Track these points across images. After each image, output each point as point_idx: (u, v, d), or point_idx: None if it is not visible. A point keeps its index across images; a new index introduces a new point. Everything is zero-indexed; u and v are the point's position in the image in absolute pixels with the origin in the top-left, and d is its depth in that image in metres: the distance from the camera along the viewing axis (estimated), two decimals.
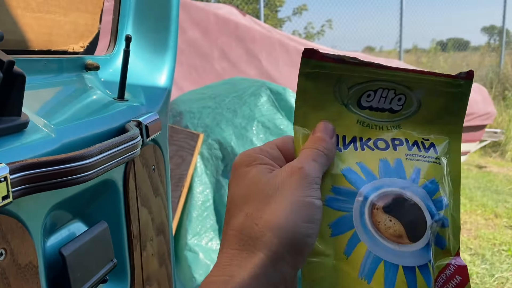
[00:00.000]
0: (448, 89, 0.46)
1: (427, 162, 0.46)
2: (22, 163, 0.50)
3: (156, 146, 0.88)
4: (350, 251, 0.42)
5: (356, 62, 0.45)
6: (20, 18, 0.74)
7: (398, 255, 0.42)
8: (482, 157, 6.41)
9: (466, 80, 0.46)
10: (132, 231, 0.79)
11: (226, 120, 2.26)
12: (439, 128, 0.47)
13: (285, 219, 0.37)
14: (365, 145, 0.46)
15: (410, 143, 0.46)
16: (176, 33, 0.96)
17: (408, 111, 0.47)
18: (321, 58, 0.44)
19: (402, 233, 0.43)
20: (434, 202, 0.44)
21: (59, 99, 0.74)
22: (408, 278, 0.41)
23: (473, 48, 10.90)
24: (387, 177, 0.44)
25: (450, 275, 0.44)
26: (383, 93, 0.46)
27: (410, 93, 0.46)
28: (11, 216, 0.52)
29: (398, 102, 0.46)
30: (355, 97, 0.46)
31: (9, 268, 0.51)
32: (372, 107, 0.46)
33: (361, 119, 0.46)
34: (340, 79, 0.45)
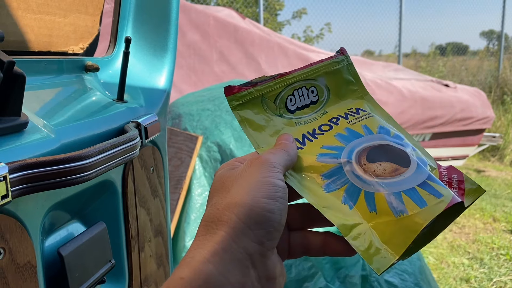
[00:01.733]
0: (337, 66, 0.56)
1: (365, 119, 0.54)
2: (21, 162, 0.51)
3: (155, 148, 0.89)
4: (374, 207, 0.46)
5: (265, 79, 0.53)
6: (20, 19, 0.74)
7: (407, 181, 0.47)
8: (481, 161, 6.41)
9: (344, 55, 0.57)
10: (130, 232, 0.79)
11: (225, 123, 2.26)
12: (352, 97, 0.57)
13: (242, 197, 0.40)
14: (315, 134, 0.53)
15: (343, 115, 0.55)
16: (176, 35, 0.96)
17: (323, 97, 0.56)
18: (240, 90, 0.52)
19: (396, 166, 0.48)
20: (394, 138, 0.51)
21: (58, 100, 0.74)
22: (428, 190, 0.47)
23: (472, 52, 10.93)
24: (350, 141, 0.51)
25: (448, 179, 0.49)
26: (299, 92, 0.54)
27: (316, 83, 0.55)
28: (10, 216, 0.52)
29: (313, 94, 0.55)
30: (282, 106, 0.54)
31: (8, 268, 0.51)
32: (298, 107, 0.54)
33: (297, 120, 0.54)
34: (263, 97, 0.53)
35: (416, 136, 3.77)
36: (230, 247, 0.38)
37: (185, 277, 0.36)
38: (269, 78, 0.53)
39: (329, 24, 9.28)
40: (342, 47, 0.58)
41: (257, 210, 0.39)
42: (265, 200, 0.40)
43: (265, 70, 3.52)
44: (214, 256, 0.37)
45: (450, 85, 4.02)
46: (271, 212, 0.40)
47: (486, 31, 12.27)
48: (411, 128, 3.68)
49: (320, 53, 4.11)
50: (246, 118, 0.52)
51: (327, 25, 9.31)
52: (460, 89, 4.01)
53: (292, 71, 0.54)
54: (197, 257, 0.37)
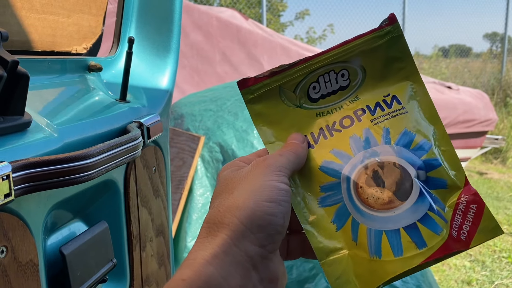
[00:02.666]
0: (381, 40, 0.47)
1: (393, 117, 0.47)
2: (24, 161, 0.51)
3: (157, 148, 0.89)
4: (356, 236, 0.44)
5: (285, 68, 0.47)
6: (24, 19, 0.75)
7: (395, 220, 0.43)
8: (483, 163, 6.40)
9: (392, 25, 0.47)
10: (132, 231, 0.80)
11: (227, 123, 2.26)
12: (394, 79, 0.48)
13: (244, 200, 0.40)
14: (332, 130, 0.47)
15: (372, 108, 0.47)
16: (179, 35, 0.96)
17: (356, 80, 0.48)
18: (255, 81, 0.47)
19: (392, 198, 0.44)
20: (414, 151, 0.45)
21: (61, 100, 0.74)
22: (412, 236, 0.42)
23: (475, 54, 10.91)
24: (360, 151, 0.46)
25: (464, 210, 0.44)
26: (325, 78, 0.48)
27: (348, 65, 0.47)
28: (12, 214, 0.52)
29: (343, 78, 0.48)
30: (304, 95, 0.48)
31: (10, 266, 0.52)
32: (323, 95, 0.48)
33: (319, 110, 0.48)
34: (281, 88, 0.47)
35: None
36: (231, 250, 0.38)
37: (187, 279, 0.36)
38: (289, 65, 0.47)
39: (332, 25, 9.29)
40: (392, 14, 0.47)
41: (259, 213, 0.39)
42: (268, 204, 0.39)
43: None
44: (215, 259, 0.37)
45: (452, 87, 4.01)
46: (273, 216, 0.39)
47: (489, 33, 12.25)
48: None
49: None
50: (260, 112, 0.48)
51: (329, 26, 9.31)
52: (462, 91, 4.01)
53: (319, 53, 0.47)
54: (198, 259, 0.37)
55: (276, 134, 0.48)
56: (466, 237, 0.42)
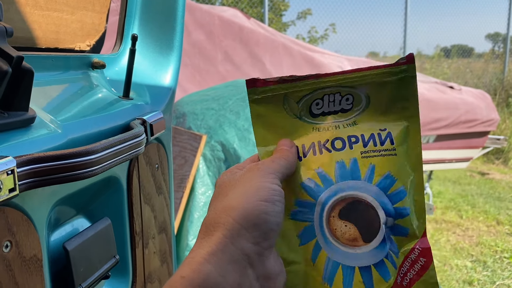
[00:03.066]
0: (392, 77, 0.47)
1: (382, 156, 0.47)
2: (29, 156, 0.51)
3: (160, 145, 0.89)
4: (315, 258, 0.47)
5: (294, 79, 0.48)
6: (28, 15, 0.75)
7: (354, 257, 0.46)
8: (485, 164, 6.39)
9: (409, 64, 0.47)
10: (135, 228, 0.80)
11: (229, 122, 2.26)
12: (395, 116, 0.48)
13: (239, 201, 0.42)
14: (323, 147, 0.49)
15: (366, 138, 0.48)
16: (182, 33, 0.97)
17: (359, 107, 0.49)
18: (264, 83, 0.48)
19: (357, 236, 0.46)
20: (390, 196, 0.47)
21: (65, 96, 0.75)
22: (364, 277, 0.45)
23: (477, 55, 10.89)
24: (342, 180, 0.47)
25: (414, 259, 0.46)
26: (330, 98, 0.49)
27: (355, 91, 0.48)
28: (17, 209, 0.52)
29: (347, 102, 0.49)
30: (305, 109, 0.49)
31: (14, 260, 0.52)
32: (324, 112, 0.49)
33: (316, 125, 0.49)
34: (286, 96, 0.49)
35: (421, 137, 3.76)
36: (228, 248, 0.39)
37: (186, 276, 0.37)
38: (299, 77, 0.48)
39: (334, 24, 9.28)
40: (411, 54, 0.47)
41: (254, 212, 0.41)
42: (262, 203, 0.41)
43: (269, 70, 3.52)
44: (213, 257, 0.39)
45: (455, 87, 4.00)
46: (267, 214, 0.41)
47: (491, 33, 12.23)
48: None
49: (324, 53, 4.11)
50: (261, 114, 0.49)
51: (331, 25, 9.31)
52: (465, 91, 4.00)
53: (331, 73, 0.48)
54: (196, 258, 0.39)
55: (270, 138, 0.50)
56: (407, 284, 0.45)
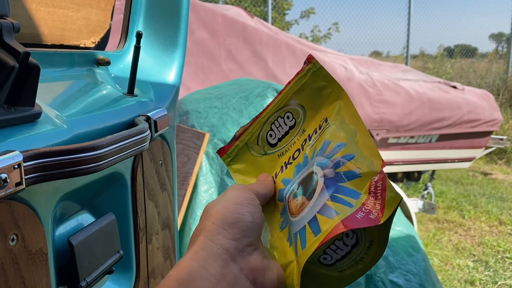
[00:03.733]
0: (304, 79, 0.54)
1: (319, 136, 0.53)
2: (35, 151, 0.52)
3: (164, 142, 0.90)
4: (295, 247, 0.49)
5: (246, 128, 0.57)
6: (34, 12, 0.76)
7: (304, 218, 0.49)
8: (488, 164, 6.38)
9: (311, 63, 0.54)
10: (139, 224, 0.80)
11: (232, 120, 2.27)
12: (327, 103, 0.54)
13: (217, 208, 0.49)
14: (288, 164, 0.56)
15: (311, 134, 0.55)
16: (186, 31, 0.97)
17: (300, 118, 0.56)
18: (229, 147, 0.58)
19: (304, 200, 0.50)
20: (327, 156, 0.51)
21: (71, 92, 0.75)
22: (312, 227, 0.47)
23: (480, 55, 10.86)
24: (297, 173, 0.54)
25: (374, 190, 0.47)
26: (276, 124, 0.56)
27: (289, 107, 0.56)
28: (23, 203, 0.53)
29: (289, 119, 0.56)
30: (265, 144, 0.57)
31: (20, 254, 0.52)
32: (279, 138, 0.57)
33: (279, 152, 0.57)
34: (247, 144, 0.57)
35: (423, 137, 3.76)
36: (207, 245, 0.45)
37: (172, 274, 0.43)
38: (248, 124, 0.56)
39: (337, 24, 9.27)
40: (310, 55, 0.55)
41: (228, 214, 0.48)
42: (236, 205, 0.48)
43: (272, 69, 3.52)
44: (195, 255, 0.45)
45: (458, 87, 3.99)
46: (240, 214, 0.48)
47: (495, 33, 12.19)
48: (418, 129, 3.67)
49: (327, 52, 4.11)
50: (238, 169, 0.57)
51: (334, 25, 9.30)
52: (468, 91, 3.99)
53: (265, 107, 0.56)
54: (183, 260, 0.45)
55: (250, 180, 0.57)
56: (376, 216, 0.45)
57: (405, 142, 3.72)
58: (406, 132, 3.66)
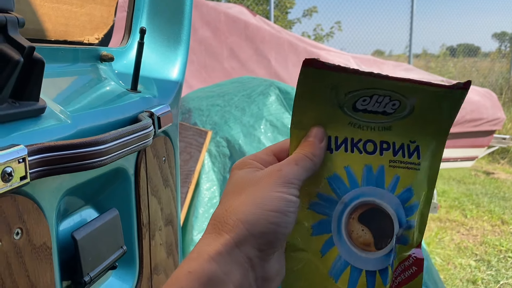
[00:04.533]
0: (443, 98, 0.47)
1: (408, 169, 0.49)
2: (40, 145, 0.52)
3: (167, 138, 0.90)
4: (325, 251, 0.48)
5: (353, 71, 0.46)
6: (38, 8, 0.76)
7: (363, 261, 0.48)
8: (490, 163, 6.36)
9: (463, 90, 0.47)
10: (142, 219, 0.80)
11: (234, 118, 2.27)
12: (427, 132, 0.49)
13: (251, 206, 0.42)
14: (355, 146, 0.49)
15: (396, 147, 0.49)
16: (189, 27, 0.97)
17: (400, 114, 0.49)
18: (321, 66, 0.46)
19: (371, 241, 0.48)
20: (406, 209, 0.49)
21: (75, 88, 0.75)
22: (368, 281, 0.47)
23: (483, 54, 10.84)
24: (368, 185, 0.48)
25: (407, 266, 0.49)
26: (379, 99, 0.48)
27: (404, 99, 0.48)
28: (27, 197, 0.53)
29: (392, 107, 0.48)
30: (351, 101, 0.48)
31: (25, 248, 0.52)
32: (367, 110, 0.48)
33: (353, 121, 0.49)
34: (337, 85, 0.47)
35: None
36: (233, 251, 0.41)
37: (193, 271, 0.39)
38: (356, 71, 0.46)
39: (339, 22, 9.26)
40: (469, 81, 0.47)
41: (264, 221, 0.41)
42: (273, 214, 0.42)
43: (275, 67, 3.52)
44: (219, 256, 0.40)
45: None
46: (277, 225, 0.42)
47: (498, 32, 12.15)
48: None
49: (330, 51, 4.10)
50: (305, 92, 0.47)
51: (337, 23, 9.29)
52: (470, 90, 3.98)
53: (388, 76, 0.47)
54: (204, 255, 0.40)
55: (307, 119, 0.48)
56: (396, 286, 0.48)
57: None
58: None
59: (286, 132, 2.21)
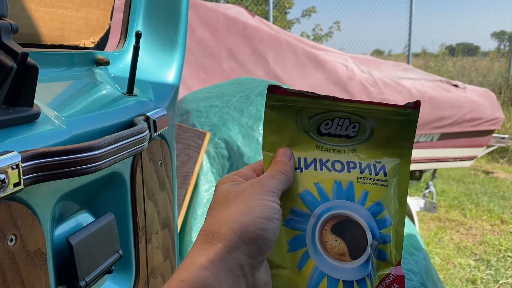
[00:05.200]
0: (397, 117, 0.52)
1: (376, 185, 0.52)
2: (33, 151, 0.52)
3: (163, 141, 0.90)
4: (302, 265, 0.49)
5: (314, 96, 0.51)
6: (33, 12, 0.76)
7: (339, 271, 0.49)
8: (490, 162, 6.37)
9: (414, 109, 0.51)
10: (138, 223, 0.80)
11: (232, 119, 2.27)
12: (390, 152, 0.53)
13: (239, 215, 0.44)
14: (324, 165, 0.52)
15: (363, 166, 0.52)
16: (185, 30, 0.97)
17: (362, 136, 0.53)
18: (284, 93, 0.51)
19: (345, 251, 0.49)
20: (378, 222, 0.51)
21: (70, 92, 0.75)
22: None
23: (482, 53, 10.84)
24: (338, 199, 0.51)
25: (389, 283, 0.50)
26: (339, 122, 0.52)
27: (363, 121, 0.52)
28: (22, 203, 0.53)
29: (353, 129, 0.52)
30: (315, 125, 0.52)
31: (19, 254, 0.53)
32: (330, 133, 0.53)
33: (320, 144, 0.53)
34: (301, 110, 0.52)
35: (425, 136, 3.75)
36: (225, 258, 0.42)
37: (185, 280, 0.40)
38: (317, 95, 0.51)
39: (338, 22, 9.25)
40: (419, 101, 0.52)
41: (252, 228, 0.44)
42: (261, 220, 0.44)
43: (273, 68, 3.52)
44: (211, 264, 0.41)
45: (459, 86, 3.99)
46: (264, 231, 0.44)
47: (497, 31, 12.15)
48: (420, 128, 3.66)
49: (329, 51, 4.10)
50: (273, 120, 0.52)
51: (336, 23, 9.28)
52: (469, 89, 3.98)
53: (348, 99, 0.51)
54: (196, 264, 0.41)
55: (274, 145, 0.53)
56: None
57: None
58: None
59: None
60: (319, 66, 3.57)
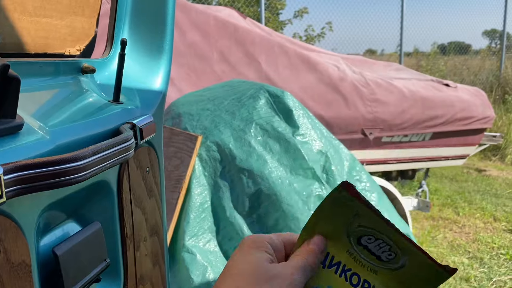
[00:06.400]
0: (430, 271, 0.51)
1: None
2: (16, 164, 0.52)
3: (151, 148, 0.90)
4: None
5: (377, 213, 0.51)
6: (17, 21, 0.75)
7: None
8: (482, 160, 6.41)
9: (446, 273, 0.51)
10: (126, 231, 0.80)
11: (224, 122, 2.27)
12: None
13: None
14: (344, 273, 0.53)
15: None
16: (172, 37, 0.97)
17: (391, 265, 0.52)
18: (354, 195, 0.50)
19: None
20: None
21: (54, 102, 0.75)
22: None
23: (474, 51, 10.91)
24: None
25: None
26: (381, 244, 0.52)
27: (400, 254, 0.52)
28: (4, 216, 0.53)
29: (388, 256, 0.52)
30: (359, 234, 0.52)
31: (3, 266, 0.52)
32: (367, 247, 0.52)
33: (352, 251, 0.53)
34: (356, 215, 0.51)
35: (417, 135, 3.77)
36: None
37: None
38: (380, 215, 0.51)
39: (330, 23, 9.27)
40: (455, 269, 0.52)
41: None
42: None
43: (265, 70, 3.52)
44: None
45: (450, 85, 4.01)
46: None
47: (488, 30, 12.24)
48: (412, 128, 3.68)
49: (321, 52, 4.11)
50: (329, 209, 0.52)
51: (328, 24, 9.30)
52: (460, 88, 4.00)
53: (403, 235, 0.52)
54: None
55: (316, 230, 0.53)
56: None
57: (399, 140, 3.74)
58: (400, 131, 3.67)
59: (276, 135, 2.21)
60: (311, 67, 3.58)
